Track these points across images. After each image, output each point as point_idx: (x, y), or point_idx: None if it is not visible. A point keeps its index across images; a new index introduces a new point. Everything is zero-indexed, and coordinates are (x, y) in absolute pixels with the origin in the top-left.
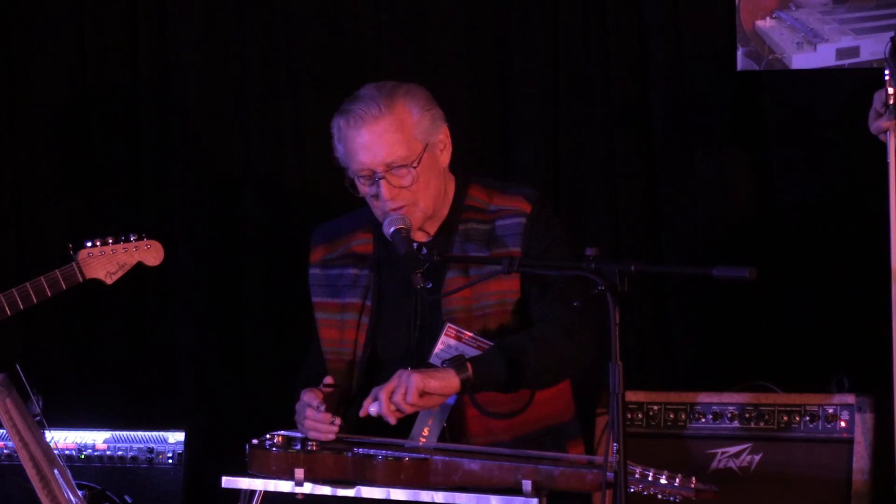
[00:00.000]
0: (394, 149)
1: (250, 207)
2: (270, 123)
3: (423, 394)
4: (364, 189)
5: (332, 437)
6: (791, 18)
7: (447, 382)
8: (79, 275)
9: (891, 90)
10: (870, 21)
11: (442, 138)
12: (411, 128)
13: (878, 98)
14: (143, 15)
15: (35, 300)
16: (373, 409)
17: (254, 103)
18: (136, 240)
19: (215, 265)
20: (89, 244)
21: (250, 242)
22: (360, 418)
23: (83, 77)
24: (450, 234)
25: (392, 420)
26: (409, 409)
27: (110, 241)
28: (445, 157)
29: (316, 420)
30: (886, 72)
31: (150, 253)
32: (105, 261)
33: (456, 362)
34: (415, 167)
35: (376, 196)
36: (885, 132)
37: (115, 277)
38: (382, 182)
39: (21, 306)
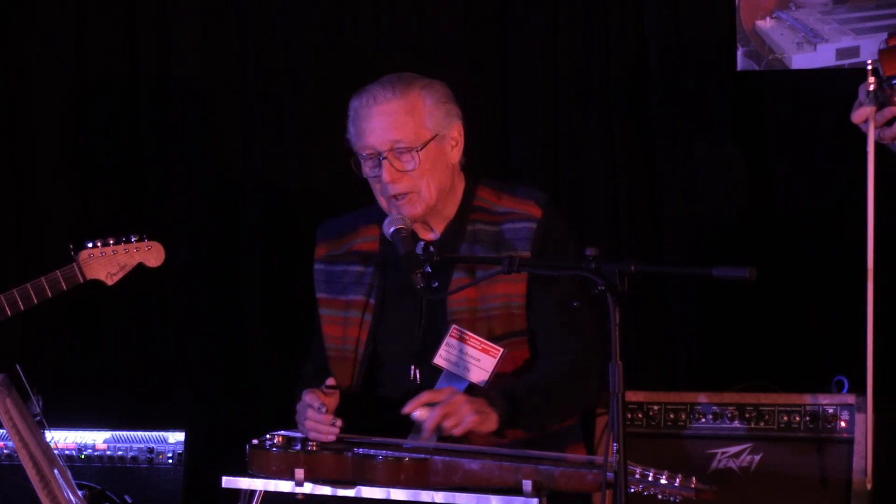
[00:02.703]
0: (400, 130)
1: (250, 208)
2: (271, 123)
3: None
4: (367, 170)
5: (332, 438)
6: (791, 18)
7: (490, 426)
8: (79, 275)
9: (871, 79)
10: (870, 21)
11: (454, 135)
12: (422, 115)
13: (862, 90)
14: (143, 14)
15: (35, 301)
16: (417, 415)
17: (254, 103)
18: (136, 241)
19: (215, 266)
20: (90, 245)
21: (250, 243)
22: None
23: (83, 77)
24: (457, 234)
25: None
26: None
27: (111, 241)
28: (455, 154)
29: (317, 421)
30: (868, 62)
31: (151, 254)
32: (106, 261)
33: (497, 400)
34: (418, 151)
35: (378, 178)
36: (866, 120)
37: (115, 278)
38: (385, 163)
39: (21, 307)
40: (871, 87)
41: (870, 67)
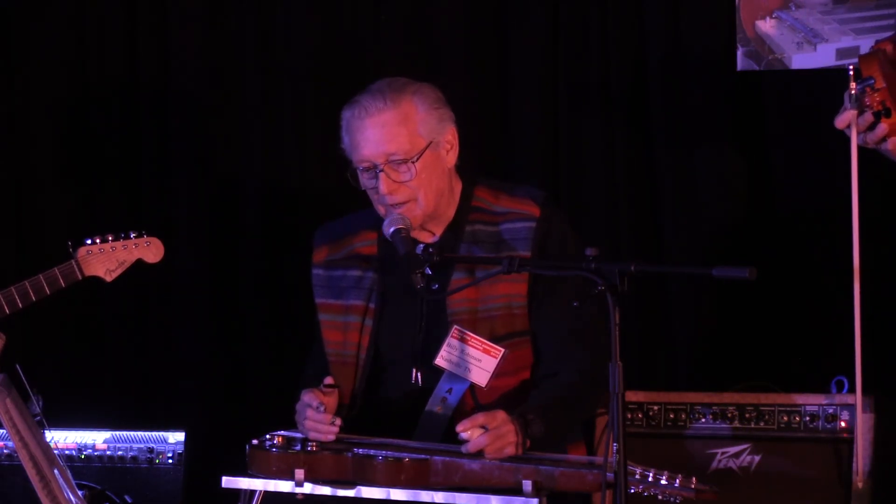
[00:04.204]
0: (394, 142)
1: (250, 206)
2: (271, 122)
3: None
4: (365, 181)
5: (332, 437)
6: (791, 18)
7: (518, 453)
8: (78, 272)
9: (853, 83)
10: (870, 21)
11: (449, 139)
12: (415, 123)
13: (847, 96)
14: (143, 15)
15: (34, 298)
16: (466, 436)
17: (254, 102)
18: (135, 237)
19: (215, 264)
20: (89, 241)
21: (250, 242)
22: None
23: (83, 75)
24: (456, 235)
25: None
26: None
27: (110, 238)
28: (451, 158)
29: (316, 420)
30: (850, 67)
31: (150, 250)
32: (105, 258)
33: (535, 428)
34: (414, 162)
35: (376, 189)
36: (849, 125)
37: (114, 275)
38: (381, 175)
39: (20, 305)
40: (853, 91)
41: (851, 72)
